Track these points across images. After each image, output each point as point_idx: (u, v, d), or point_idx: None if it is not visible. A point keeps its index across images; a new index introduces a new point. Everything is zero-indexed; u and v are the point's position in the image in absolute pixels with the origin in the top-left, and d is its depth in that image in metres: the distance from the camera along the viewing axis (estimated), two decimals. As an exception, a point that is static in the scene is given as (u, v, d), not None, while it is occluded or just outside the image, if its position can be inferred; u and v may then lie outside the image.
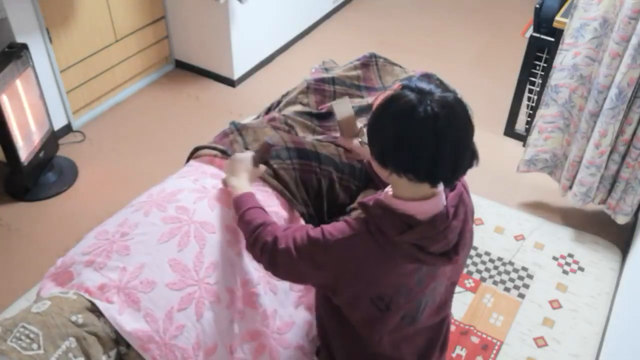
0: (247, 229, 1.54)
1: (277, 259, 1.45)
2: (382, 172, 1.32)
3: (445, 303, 1.57)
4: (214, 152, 2.08)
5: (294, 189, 1.96)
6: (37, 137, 3.08)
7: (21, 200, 3.10)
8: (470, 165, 1.30)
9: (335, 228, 1.37)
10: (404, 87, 1.25)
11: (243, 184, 1.69)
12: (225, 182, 1.79)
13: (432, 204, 1.31)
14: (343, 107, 1.85)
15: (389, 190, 1.36)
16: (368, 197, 1.39)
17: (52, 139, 3.21)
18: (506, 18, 4.85)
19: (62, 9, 3.24)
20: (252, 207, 1.59)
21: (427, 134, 1.20)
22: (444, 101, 1.21)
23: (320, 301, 1.60)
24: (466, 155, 1.26)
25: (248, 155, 1.78)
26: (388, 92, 1.29)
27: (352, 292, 1.40)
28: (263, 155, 1.80)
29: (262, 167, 1.84)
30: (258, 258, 1.51)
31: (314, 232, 1.39)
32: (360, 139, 1.87)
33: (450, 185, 1.33)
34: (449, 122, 1.20)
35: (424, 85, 1.25)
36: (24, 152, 2.99)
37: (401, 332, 1.49)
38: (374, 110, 1.30)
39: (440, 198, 1.32)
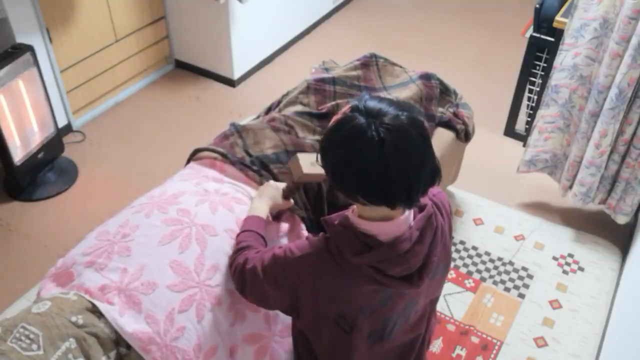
0: (233, 249, 1.60)
1: (244, 280, 1.48)
2: (339, 194, 1.29)
3: (420, 320, 1.53)
4: (214, 154, 2.08)
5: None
6: (37, 138, 3.08)
7: (16, 199, 3.09)
8: (431, 184, 1.25)
9: (297, 246, 1.36)
10: (353, 109, 1.21)
11: (259, 208, 1.72)
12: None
13: (395, 226, 1.26)
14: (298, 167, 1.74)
15: (355, 207, 1.31)
16: (335, 213, 1.35)
17: (56, 140, 3.20)
18: (506, 18, 4.85)
19: (62, 9, 3.24)
20: (249, 229, 1.62)
21: (373, 159, 1.16)
22: (393, 124, 1.16)
23: (294, 327, 1.59)
24: (421, 176, 1.21)
25: (281, 185, 1.79)
26: (339, 115, 1.24)
27: (314, 312, 1.38)
28: (293, 191, 1.80)
29: (292, 201, 1.84)
30: (232, 279, 1.56)
31: (279, 250, 1.39)
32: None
33: (411, 207, 1.27)
34: (397, 147, 1.16)
35: (373, 105, 1.20)
36: (21, 152, 2.99)
37: (370, 352, 1.46)
38: (325, 132, 1.26)
39: (404, 220, 1.27)
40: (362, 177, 1.19)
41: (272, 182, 1.81)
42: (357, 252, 1.26)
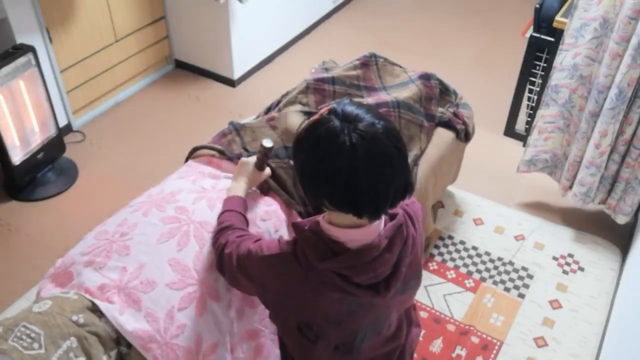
0: (215, 229, 1.60)
1: (222, 262, 1.49)
2: (307, 196, 1.25)
3: (397, 333, 1.49)
4: (212, 152, 2.08)
5: (291, 188, 1.96)
6: (38, 138, 3.08)
7: (16, 199, 3.09)
8: (401, 197, 1.22)
9: (268, 244, 1.35)
10: (330, 111, 1.18)
11: (237, 187, 1.73)
12: None
13: (364, 233, 1.23)
14: (292, 117, 1.77)
15: (326, 213, 1.28)
16: (307, 218, 1.32)
17: (57, 140, 3.20)
18: (506, 18, 4.86)
19: (62, 9, 3.24)
20: (230, 209, 1.62)
21: (342, 165, 1.13)
22: (367, 131, 1.13)
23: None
24: (391, 188, 1.17)
25: (251, 159, 1.78)
26: (316, 116, 1.21)
27: (278, 313, 1.37)
28: (263, 159, 1.78)
29: (267, 171, 1.84)
30: (214, 257, 1.57)
31: (255, 245, 1.38)
32: None
33: (378, 218, 1.23)
34: (367, 155, 1.12)
35: (351, 110, 1.17)
36: (20, 151, 2.99)
37: None
38: (299, 131, 1.23)
39: (375, 228, 1.24)
40: (329, 182, 1.15)
41: (242, 159, 1.80)
42: (322, 257, 1.23)
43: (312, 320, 1.32)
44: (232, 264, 1.43)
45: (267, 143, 1.75)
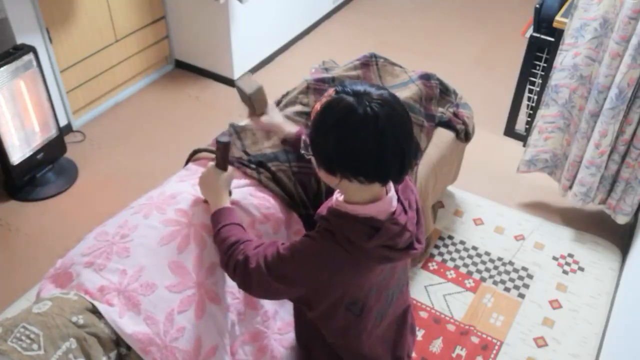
0: (222, 248, 1.52)
1: (249, 278, 1.42)
2: (331, 180, 1.30)
3: (406, 288, 1.61)
4: (213, 155, 2.08)
5: (292, 190, 1.96)
6: (38, 139, 3.08)
7: (16, 199, 3.09)
8: (415, 157, 1.31)
9: (303, 243, 1.35)
10: (338, 91, 1.25)
11: (218, 198, 1.64)
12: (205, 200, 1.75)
13: (387, 203, 1.31)
14: (249, 82, 1.74)
15: (338, 195, 1.34)
16: (321, 207, 1.37)
17: (58, 141, 3.20)
18: (506, 18, 4.86)
19: (62, 9, 3.24)
20: (227, 223, 1.55)
21: (370, 135, 1.20)
22: (382, 99, 1.21)
23: (299, 318, 1.60)
24: (410, 150, 1.26)
25: (211, 166, 1.69)
26: (323, 99, 1.27)
27: (328, 303, 1.39)
28: (224, 157, 1.69)
29: (231, 168, 1.74)
30: (232, 277, 1.50)
31: (284, 248, 1.37)
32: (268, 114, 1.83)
33: (400, 182, 1.33)
34: (390, 120, 1.21)
35: (358, 87, 1.24)
36: (19, 151, 2.99)
37: (375, 331, 1.50)
38: (313, 119, 1.27)
39: (391, 195, 1.33)
40: (361, 155, 1.22)
41: (203, 174, 1.70)
42: (369, 236, 1.28)
43: (359, 296, 1.39)
44: (263, 275, 1.38)
45: (223, 139, 1.69)
